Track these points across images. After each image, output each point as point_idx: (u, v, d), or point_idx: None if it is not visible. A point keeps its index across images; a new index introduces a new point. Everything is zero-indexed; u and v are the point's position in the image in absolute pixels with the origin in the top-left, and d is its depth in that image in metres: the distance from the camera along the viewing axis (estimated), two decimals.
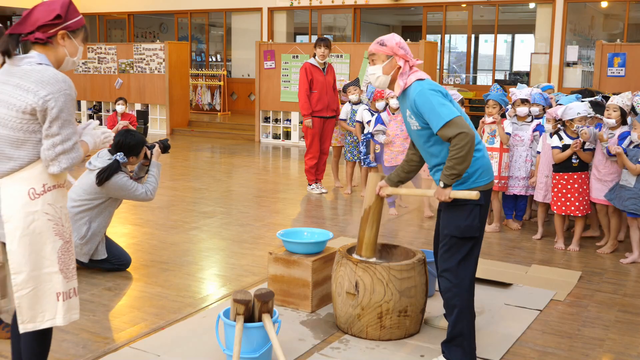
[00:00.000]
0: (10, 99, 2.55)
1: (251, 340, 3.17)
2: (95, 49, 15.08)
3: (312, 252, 4.07)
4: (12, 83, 2.57)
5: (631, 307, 4.34)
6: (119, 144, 4.69)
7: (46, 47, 2.64)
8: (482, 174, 3.29)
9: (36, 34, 2.60)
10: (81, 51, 2.78)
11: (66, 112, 2.59)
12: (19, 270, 2.54)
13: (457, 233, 3.25)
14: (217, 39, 18.74)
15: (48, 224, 2.58)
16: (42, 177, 2.60)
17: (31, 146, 2.58)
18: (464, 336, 3.28)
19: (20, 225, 2.54)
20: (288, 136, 12.98)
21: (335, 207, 7.37)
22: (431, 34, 17.39)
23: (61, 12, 2.63)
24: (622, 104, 5.37)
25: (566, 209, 5.54)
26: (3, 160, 2.59)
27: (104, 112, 14.99)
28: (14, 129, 2.56)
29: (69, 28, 2.67)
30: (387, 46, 3.34)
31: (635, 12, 13.80)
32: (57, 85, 2.56)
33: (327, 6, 15.86)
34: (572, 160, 5.49)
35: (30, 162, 2.59)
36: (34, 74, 2.55)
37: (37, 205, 2.56)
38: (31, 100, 2.52)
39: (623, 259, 5.31)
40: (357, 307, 3.62)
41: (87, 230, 4.62)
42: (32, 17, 2.62)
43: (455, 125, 3.09)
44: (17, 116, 2.54)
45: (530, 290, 4.56)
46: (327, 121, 7.73)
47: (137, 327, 3.79)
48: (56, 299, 2.59)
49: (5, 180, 2.59)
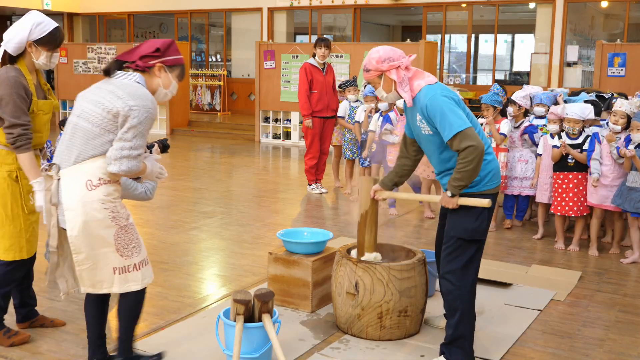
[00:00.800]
0: (101, 99, 2.89)
1: (251, 340, 3.17)
2: (95, 49, 15.08)
3: (312, 252, 4.07)
4: (107, 89, 2.92)
5: (631, 307, 4.34)
6: None
7: (144, 75, 3.04)
8: (492, 178, 3.27)
9: (138, 62, 3.02)
10: (175, 86, 3.13)
11: (143, 126, 2.89)
12: (79, 251, 2.92)
13: (465, 235, 3.23)
14: (217, 39, 18.74)
15: (104, 212, 2.89)
16: (99, 172, 2.89)
17: (100, 143, 2.89)
18: (465, 338, 3.28)
19: (79, 213, 2.86)
20: (288, 136, 12.98)
21: (335, 207, 7.37)
22: (431, 34, 17.38)
23: (161, 47, 3.05)
24: (630, 112, 5.33)
25: (561, 208, 5.54)
26: (70, 150, 2.93)
27: None
28: (93, 124, 2.88)
29: (165, 62, 3.06)
30: (371, 70, 3.32)
31: (635, 12, 13.80)
32: (145, 102, 2.89)
33: (327, 6, 15.86)
34: (568, 160, 5.50)
35: (91, 156, 2.89)
36: (128, 87, 2.91)
37: (94, 196, 2.87)
38: (119, 105, 2.84)
39: (623, 259, 5.31)
40: (357, 307, 3.62)
41: None
42: (138, 49, 3.06)
43: (466, 137, 3.06)
44: (101, 113, 2.86)
45: (530, 290, 4.56)
46: (327, 121, 7.73)
47: (137, 327, 3.78)
48: (112, 272, 2.95)
49: (66, 171, 2.91)
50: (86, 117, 2.90)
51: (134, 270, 2.99)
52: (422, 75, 3.30)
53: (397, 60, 3.28)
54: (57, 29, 3.41)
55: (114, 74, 2.98)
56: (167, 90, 3.10)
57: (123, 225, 2.94)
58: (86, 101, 2.94)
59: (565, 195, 5.52)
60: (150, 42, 3.08)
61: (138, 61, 3.02)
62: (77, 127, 2.92)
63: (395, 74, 3.27)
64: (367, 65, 3.34)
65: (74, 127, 2.94)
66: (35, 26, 3.34)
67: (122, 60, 3.04)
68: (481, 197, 3.23)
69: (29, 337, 3.57)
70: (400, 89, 3.28)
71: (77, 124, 2.92)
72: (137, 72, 3.02)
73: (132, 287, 3.00)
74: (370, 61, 3.32)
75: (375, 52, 3.32)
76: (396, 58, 3.28)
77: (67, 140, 2.96)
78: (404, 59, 3.30)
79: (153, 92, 3.05)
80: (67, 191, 2.89)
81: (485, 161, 3.23)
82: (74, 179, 2.89)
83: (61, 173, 2.93)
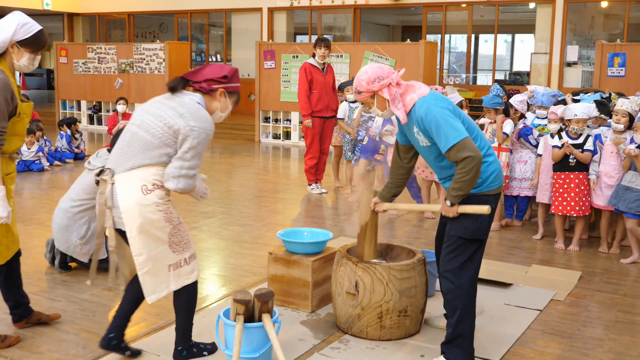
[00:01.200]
0: (163, 113, 3.06)
1: (251, 340, 3.18)
2: (95, 49, 15.08)
3: (312, 252, 4.07)
4: (170, 105, 3.09)
5: (631, 307, 4.34)
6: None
7: (205, 96, 3.21)
8: (495, 179, 3.28)
9: (202, 84, 3.19)
10: (229, 111, 3.33)
11: (201, 147, 3.07)
12: (139, 253, 3.07)
13: (465, 235, 3.24)
14: (217, 39, 18.74)
15: (159, 214, 3.07)
16: (153, 178, 3.06)
17: (157, 154, 3.06)
18: (465, 337, 3.28)
19: (137, 215, 3.03)
20: (288, 136, 12.98)
21: (335, 207, 7.37)
22: (431, 34, 17.38)
23: (228, 74, 3.23)
24: (631, 110, 5.35)
25: (562, 208, 5.54)
26: (127, 157, 3.09)
27: (104, 112, 15.00)
28: (153, 135, 3.05)
29: (228, 89, 3.24)
30: (363, 92, 3.30)
31: (635, 12, 13.80)
32: (205, 123, 3.07)
33: (327, 6, 15.86)
34: (569, 159, 5.50)
35: (146, 165, 3.06)
36: (191, 106, 3.09)
37: (149, 199, 3.05)
38: (181, 123, 3.02)
39: (623, 259, 5.31)
40: (357, 307, 3.62)
41: (86, 230, 4.62)
42: (203, 71, 3.22)
43: (463, 147, 3.06)
44: (162, 127, 3.04)
45: (530, 290, 4.56)
46: (327, 121, 7.73)
47: (137, 327, 3.79)
48: (167, 270, 3.14)
49: (121, 176, 3.07)
50: (146, 128, 3.06)
51: (185, 264, 3.19)
52: (414, 89, 3.28)
53: (387, 78, 3.26)
54: (41, 32, 3.37)
55: (178, 91, 3.15)
56: (223, 113, 3.28)
57: (175, 225, 3.14)
58: (147, 113, 3.11)
59: (567, 195, 5.52)
60: (217, 66, 3.25)
61: (203, 83, 3.19)
62: (135, 136, 3.09)
63: (387, 92, 3.26)
64: (358, 87, 3.32)
65: (132, 136, 3.10)
66: (21, 26, 3.30)
67: (187, 79, 3.19)
68: (484, 198, 3.24)
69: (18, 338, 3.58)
70: (393, 106, 3.27)
71: (136, 133, 3.09)
72: (199, 92, 3.19)
73: (185, 281, 3.19)
74: (360, 83, 3.30)
75: (363, 73, 3.30)
76: (385, 76, 3.26)
77: (123, 148, 3.12)
78: (394, 75, 3.28)
79: (210, 114, 3.21)
80: (123, 195, 3.06)
81: (486, 162, 3.24)
82: (130, 184, 3.06)
83: (115, 178, 3.09)
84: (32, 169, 9.19)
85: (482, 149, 3.25)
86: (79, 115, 15.22)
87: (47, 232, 5.89)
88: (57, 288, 4.46)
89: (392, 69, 3.33)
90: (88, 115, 15.41)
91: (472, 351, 3.33)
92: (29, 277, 4.65)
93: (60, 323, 3.84)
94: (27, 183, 8.45)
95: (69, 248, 4.66)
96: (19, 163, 9.12)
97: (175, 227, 3.14)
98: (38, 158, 9.27)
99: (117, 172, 3.10)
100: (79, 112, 15.40)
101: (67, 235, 4.64)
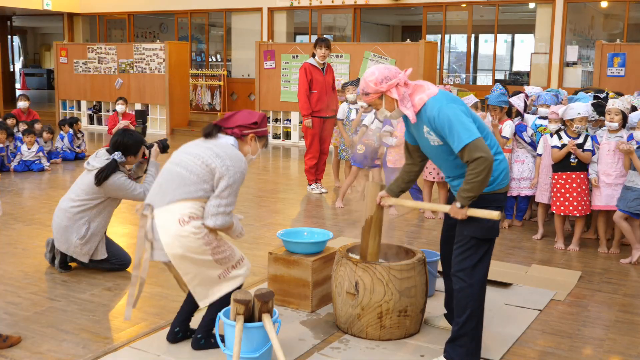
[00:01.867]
0: (201, 152, 3.29)
1: (251, 340, 3.18)
2: (95, 49, 15.08)
3: (312, 252, 4.07)
4: (206, 146, 3.33)
5: (631, 307, 4.34)
6: (117, 143, 4.67)
7: (237, 140, 3.42)
8: (504, 177, 3.28)
9: (235, 129, 3.42)
10: (259, 153, 3.55)
11: (237, 185, 3.29)
12: (186, 272, 3.29)
13: (479, 234, 3.22)
14: (217, 39, 18.73)
15: (198, 242, 3.25)
16: (189, 211, 3.25)
17: (194, 189, 3.26)
18: (470, 336, 3.25)
19: (177, 246, 3.23)
20: (288, 136, 12.98)
21: (336, 207, 7.36)
22: (431, 34, 17.38)
23: (258, 120, 3.47)
24: (624, 108, 5.39)
25: (565, 209, 5.54)
26: (165, 193, 3.29)
27: (104, 112, 15.00)
28: (191, 172, 3.26)
29: (258, 133, 3.48)
30: (370, 93, 3.26)
31: (635, 12, 13.80)
32: (240, 164, 3.30)
33: (327, 6, 15.85)
34: (571, 159, 5.50)
35: (183, 199, 3.26)
36: (227, 148, 3.33)
37: (187, 230, 3.23)
38: (218, 163, 3.24)
39: (623, 259, 5.31)
40: (357, 307, 3.62)
41: (86, 230, 4.62)
42: (235, 118, 3.45)
43: (475, 148, 3.03)
44: (199, 164, 3.26)
45: (530, 290, 4.56)
46: (327, 121, 7.73)
47: (137, 327, 3.79)
48: (218, 279, 3.36)
49: (160, 211, 3.28)
50: (185, 165, 3.29)
51: (233, 269, 3.41)
52: (423, 89, 3.25)
53: (395, 78, 3.22)
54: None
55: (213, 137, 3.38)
56: (253, 156, 3.50)
57: (215, 245, 3.31)
58: (185, 153, 3.35)
59: (568, 195, 5.52)
60: (246, 113, 3.48)
61: (235, 129, 3.41)
62: (173, 172, 3.31)
63: (396, 92, 3.23)
64: (366, 89, 3.27)
65: (170, 173, 3.33)
66: None
67: (220, 125, 3.42)
68: (496, 196, 3.24)
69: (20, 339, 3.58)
70: (402, 106, 3.23)
71: (175, 170, 3.31)
72: (231, 136, 3.41)
73: (234, 285, 3.39)
74: (367, 84, 3.26)
75: (370, 74, 3.26)
76: (393, 76, 3.23)
77: (162, 184, 3.33)
78: (401, 74, 3.25)
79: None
80: (163, 228, 3.25)
81: (497, 161, 3.23)
82: (168, 218, 3.25)
83: (155, 212, 3.29)
84: (32, 169, 9.19)
85: (492, 147, 3.24)
86: (79, 115, 15.20)
87: (47, 232, 5.89)
88: (57, 288, 4.46)
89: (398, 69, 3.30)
90: (88, 115, 15.41)
91: (477, 351, 3.30)
92: (29, 277, 4.65)
93: (60, 323, 3.84)
94: (27, 183, 8.45)
95: (69, 248, 4.66)
96: (19, 163, 9.12)
97: (216, 247, 3.32)
98: (38, 158, 9.27)
99: (156, 207, 3.29)
100: (79, 112, 15.39)
101: (67, 235, 4.64)
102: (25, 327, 3.75)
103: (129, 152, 4.70)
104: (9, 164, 9.15)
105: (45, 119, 13.63)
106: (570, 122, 5.49)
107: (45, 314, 3.96)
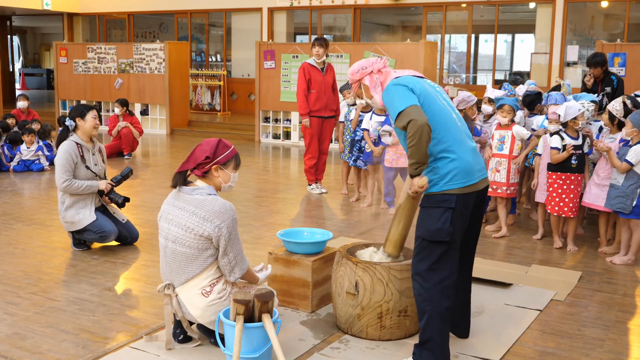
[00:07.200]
0: (189, 223, 3.26)
1: (251, 340, 3.17)
2: (95, 49, 15.08)
3: (312, 252, 4.07)
4: (189, 210, 3.28)
5: (631, 307, 4.34)
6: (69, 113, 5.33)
7: (206, 179, 3.37)
8: (454, 177, 3.16)
9: (195, 171, 3.35)
10: (235, 177, 3.45)
11: (234, 233, 3.30)
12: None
13: (426, 236, 3.19)
14: (217, 39, 18.73)
15: (225, 302, 3.36)
16: (208, 281, 3.33)
17: (202, 260, 3.30)
18: (435, 341, 3.19)
19: (209, 315, 3.33)
20: (288, 136, 12.98)
21: (335, 207, 7.36)
22: (431, 34, 17.38)
23: (209, 153, 3.33)
24: (612, 109, 5.42)
25: (559, 209, 5.54)
26: (179, 272, 3.34)
27: (104, 112, 15.00)
28: (189, 247, 3.28)
29: (218, 163, 3.36)
30: (352, 84, 3.54)
31: (635, 12, 13.80)
32: (227, 213, 3.27)
33: (327, 6, 15.86)
34: (572, 161, 5.49)
35: (197, 275, 3.32)
36: (207, 203, 3.27)
37: (212, 299, 3.33)
38: (209, 228, 3.23)
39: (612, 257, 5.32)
40: (357, 307, 3.62)
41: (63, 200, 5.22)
42: (193, 156, 3.36)
43: (406, 114, 3.04)
44: (194, 238, 3.26)
45: (530, 290, 4.56)
46: (326, 121, 7.72)
47: (137, 327, 3.79)
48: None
49: (181, 289, 3.35)
50: (181, 242, 3.29)
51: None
52: (393, 75, 3.37)
53: (370, 67, 3.45)
54: None
55: (182, 188, 3.34)
56: (230, 183, 3.43)
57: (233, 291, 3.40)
58: (173, 225, 3.31)
59: (565, 196, 5.52)
60: (200, 148, 3.35)
61: (196, 170, 3.35)
62: (175, 252, 3.32)
63: (369, 79, 3.45)
64: (349, 80, 3.56)
65: (173, 252, 3.33)
66: None
67: (184, 170, 3.36)
68: (444, 196, 3.15)
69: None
70: (373, 92, 3.44)
71: (175, 249, 3.32)
72: (199, 179, 3.36)
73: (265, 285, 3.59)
74: (349, 76, 3.53)
75: (351, 67, 3.52)
76: (368, 65, 3.46)
77: (170, 264, 3.36)
78: (376, 64, 3.44)
79: (218, 190, 3.41)
80: (191, 305, 3.34)
81: (447, 159, 3.16)
82: (191, 294, 3.33)
83: (177, 291, 3.36)
84: (32, 169, 9.19)
85: (444, 143, 3.17)
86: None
87: (47, 232, 5.89)
88: (57, 288, 4.47)
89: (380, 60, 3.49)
90: None
91: (445, 356, 3.22)
92: (29, 277, 4.65)
93: (60, 323, 3.84)
94: (27, 183, 8.45)
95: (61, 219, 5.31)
96: (18, 163, 9.13)
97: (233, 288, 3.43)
98: (38, 158, 9.27)
99: (176, 285, 3.37)
100: None
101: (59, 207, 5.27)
102: (25, 327, 3.75)
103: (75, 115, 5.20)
104: (8, 163, 9.17)
105: (45, 119, 13.63)
106: (573, 122, 5.49)
107: (45, 314, 3.96)
